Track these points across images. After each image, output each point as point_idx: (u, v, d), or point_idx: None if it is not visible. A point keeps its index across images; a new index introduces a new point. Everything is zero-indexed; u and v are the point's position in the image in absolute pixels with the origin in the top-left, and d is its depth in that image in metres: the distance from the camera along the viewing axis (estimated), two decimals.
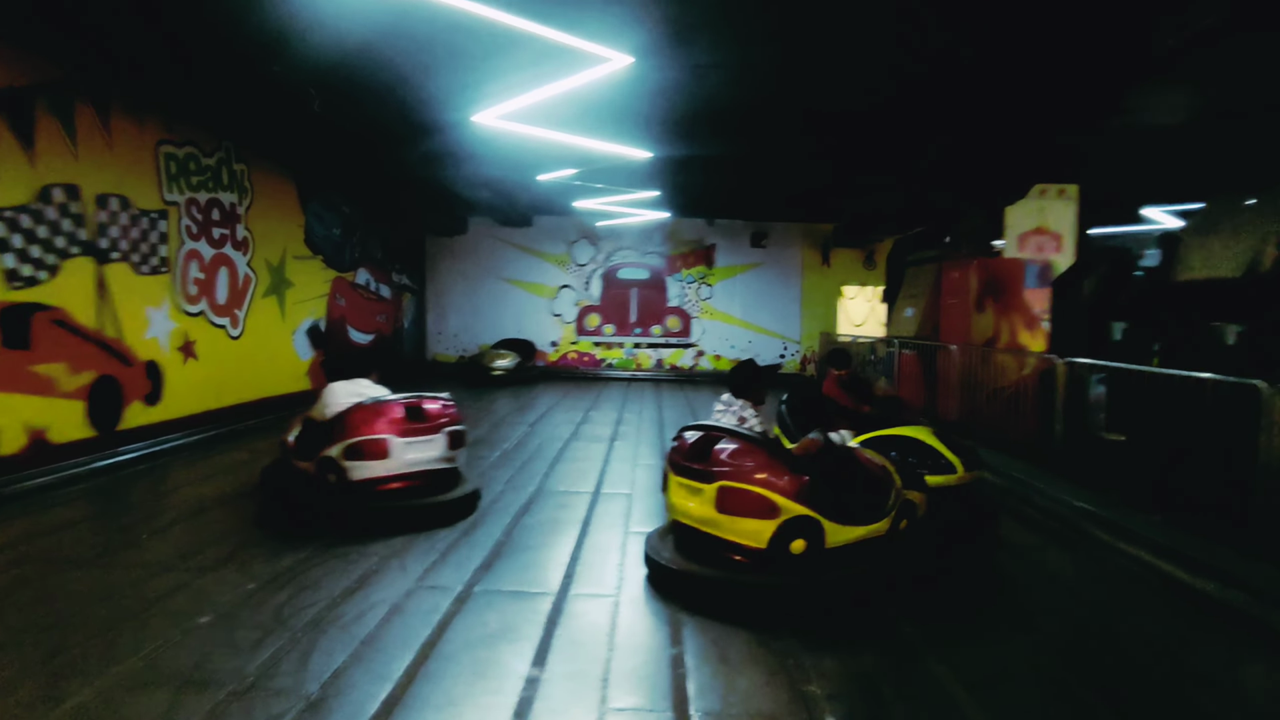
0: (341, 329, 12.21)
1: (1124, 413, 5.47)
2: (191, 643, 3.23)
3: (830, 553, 3.78)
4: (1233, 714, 2.97)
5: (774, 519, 3.69)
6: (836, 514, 3.78)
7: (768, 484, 3.73)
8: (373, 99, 7.39)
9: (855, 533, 3.85)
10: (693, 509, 3.93)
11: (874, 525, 3.93)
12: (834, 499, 3.78)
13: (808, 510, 3.69)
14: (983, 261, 9.17)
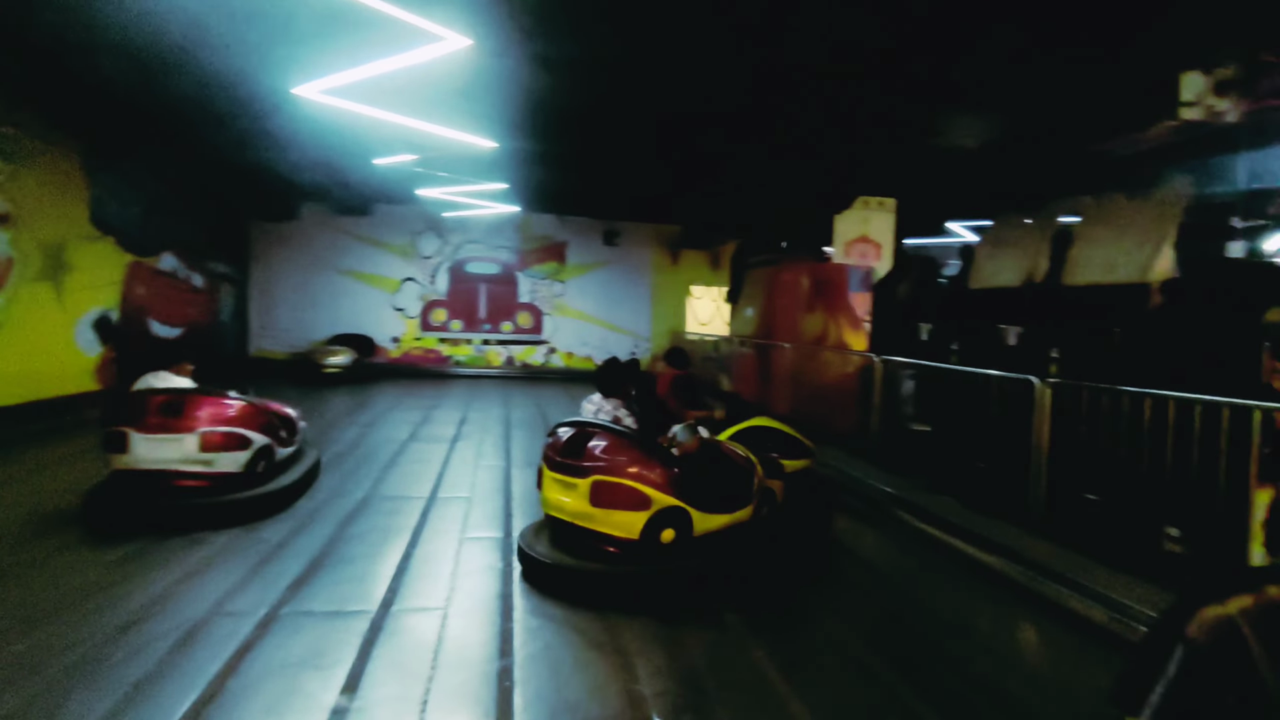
0: (141, 321, 10.74)
1: (929, 405, 6.03)
2: None
3: (697, 540, 4.02)
4: (1007, 676, 3.31)
5: (645, 510, 3.87)
6: (704, 504, 4.04)
7: (640, 477, 3.89)
8: (173, 63, 6.51)
9: (720, 520, 4.14)
10: (567, 504, 4.02)
11: (738, 513, 4.23)
12: (701, 490, 4.05)
13: (677, 501, 3.92)
14: (813, 266, 9.78)
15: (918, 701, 2.98)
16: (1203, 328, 4.17)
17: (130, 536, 4.54)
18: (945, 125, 7.64)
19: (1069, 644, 3.68)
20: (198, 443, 4.84)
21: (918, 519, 5.44)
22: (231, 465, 5.00)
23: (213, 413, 5.03)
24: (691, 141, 8.65)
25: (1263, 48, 5.16)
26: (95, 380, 9.61)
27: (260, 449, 5.26)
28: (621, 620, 3.62)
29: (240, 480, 5.05)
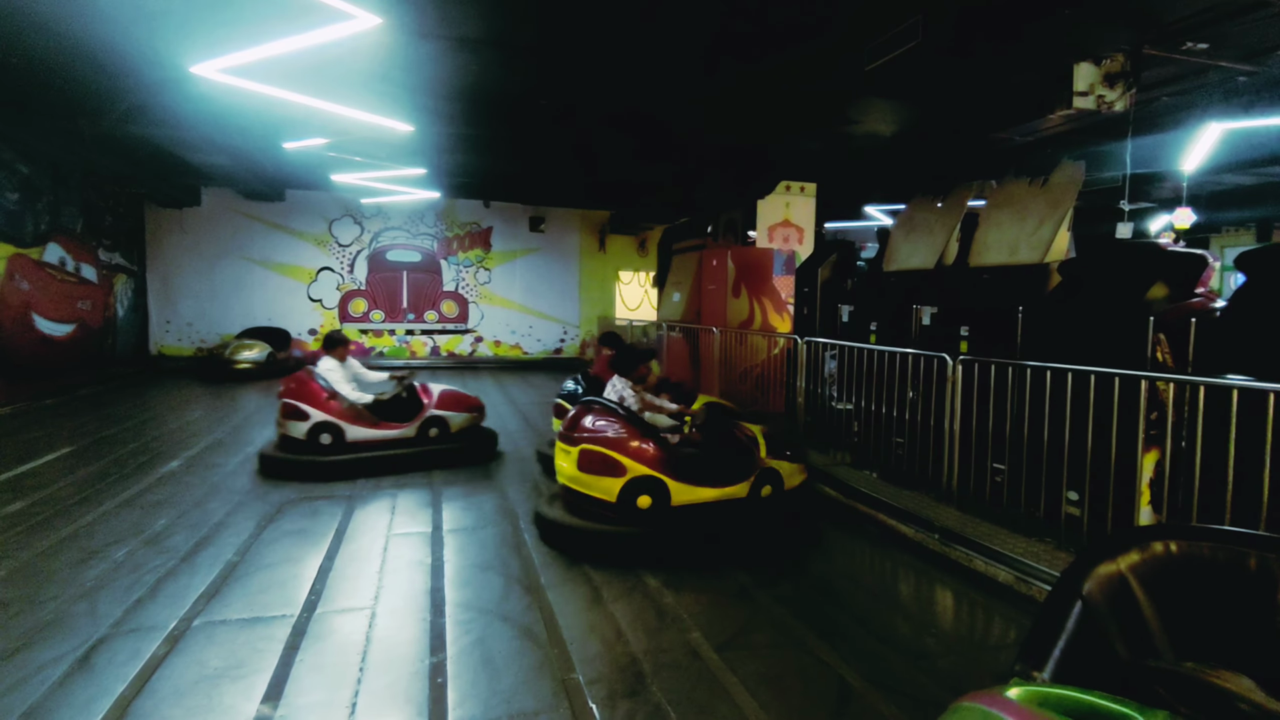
0: (24, 318, 9.88)
1: (851, 384, 6.24)
2: None
3: (679, 510, 4.42)
4: (925, 637, 3.49)
5: (620, 477, 4.32)
6: (687, 476, 4.41)
7: (618, 446, 4.35)
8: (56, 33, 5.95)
9: (706, 494, 4.49)
10: (564, 469, 4.55)
11: (728, 489, 4.55)
12: (686, 464, 4.43)
13: (652, 471, 4.34)
14: (738, 250, 9.93)
15: (845, 665, 3.10)
16: (1096, 306, 4.46)
17: (13, 554, 4.20)
18: (861, 114, 7.87)
19: (980, 604, 3.90)
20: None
21: (842, 494, 5.64)
22: (296, 433, 6.09)
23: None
24: (618, 130, 8.60)
25: (1146, 41, 5.52)
26: None
27: (318, 422, 6.10)
28: (556, 611, 3.61)
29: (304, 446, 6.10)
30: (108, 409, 9.31)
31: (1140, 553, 1.69)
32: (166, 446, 7.13)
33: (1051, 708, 1.23)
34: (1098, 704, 1.21)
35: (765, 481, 4.77)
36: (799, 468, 5.20)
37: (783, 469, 4.89)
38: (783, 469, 4.89)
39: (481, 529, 4.87)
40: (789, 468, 4.96)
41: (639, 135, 8.92)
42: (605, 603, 3.72)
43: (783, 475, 4.87)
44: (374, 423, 6.33)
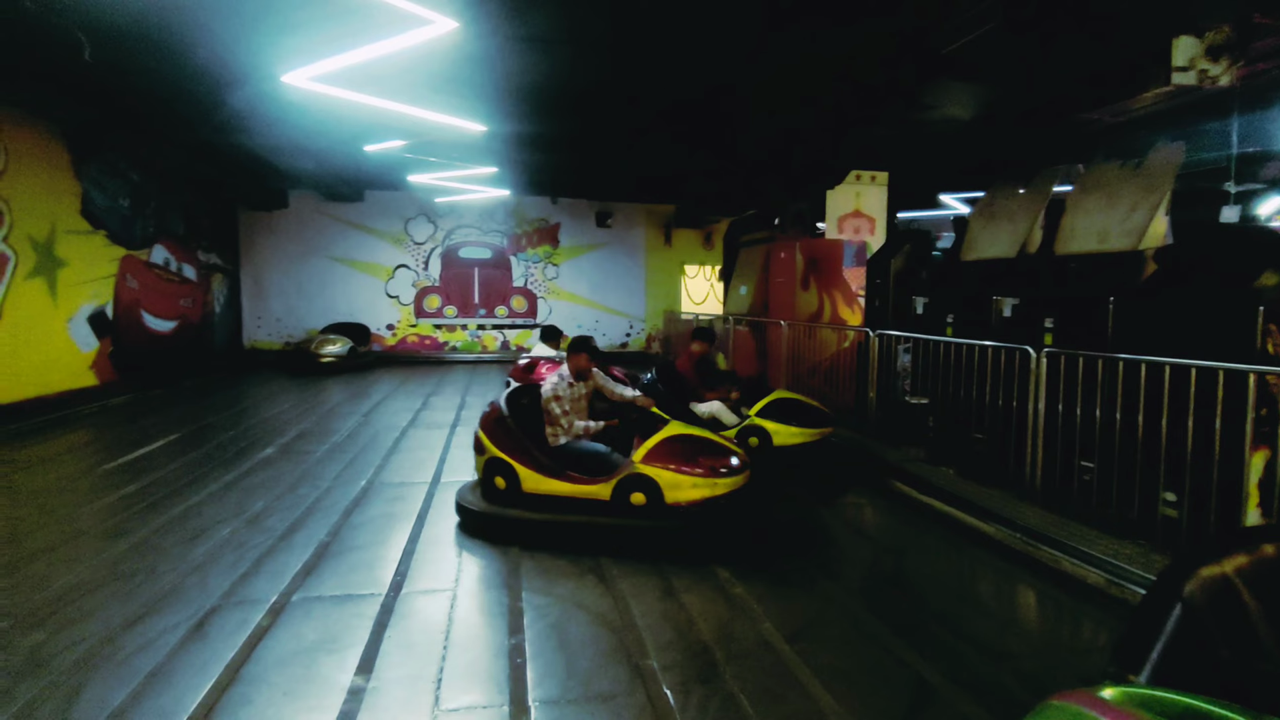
0: (135, 316, 10.69)
1: (925, 378, 6.07)
2: None
3: (537, 498, 4.51)
4: (1006, 637, 3.38)
5: (482, 455, 4.66)
6: (536, 465, 4.52)
7: (485, 427, 4.68)
8: (162, 50, 6.41)
9: (555, 485, 4.49)
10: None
11: (579, 487, 4.45)
12: (527, 448, 4.58)
13: (504, 455, 4.56)
14: (806, 242, 9.77)
15: (922, 661, 3.05)
16: (1199, 295, 4.20)
17: (134, 530, 4.58)
18: (937, 98, 7.61)
19: (1067, 606, 3.75)
20: None
21: (917, 490, 5.51)
22: None
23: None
24: (684, 121, 8.59)
25: (1256, 9, 5.14)
26: (92, 375, 9.60)
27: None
28: (628, 600, 3.67)
29: None
30: (208, 399, 9.98)
31: (1248, 555, 1.60)
32: (261, 434, 7.59)
33: (1149, 709, 1.19)
34: (1201, 707, 1.17)
35: (636, 489, 4.35)
36: (827, 429, 5.70)
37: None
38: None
39: None
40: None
41: (705, 126, 8.89)
42: (676, 593, 3.76)
43: (661, 486, 4.34)
44: None
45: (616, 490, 4.37)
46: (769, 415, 6.11)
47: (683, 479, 4.31)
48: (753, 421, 6.09)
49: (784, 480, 5.91)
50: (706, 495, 4.32)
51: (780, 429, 6.02)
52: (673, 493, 4.32)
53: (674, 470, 4.33)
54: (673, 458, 4.37)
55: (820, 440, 6.14)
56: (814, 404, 6.34)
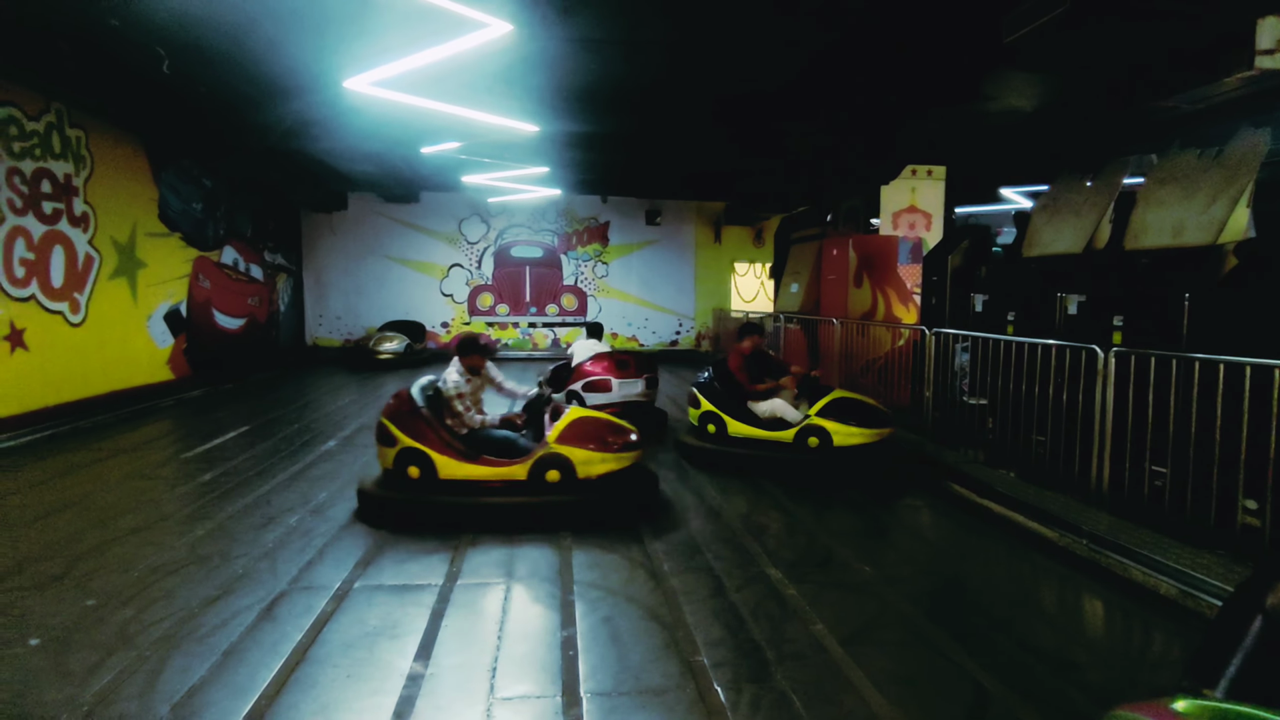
0: (206, 314, 11.23)
1: (984, 378, 5.90)
2: (9, 674, 2.86)
3: (452, 483, 4.72)
4: (1072, 647, 3.27)
5: (393, 447, 4.75)
6: (448, 451, 4.70)
7: (393, 418, 4.76)
8: (232, 61, 6.72)
9: (472, 470, 4.71)
10: None
11: (498, 469, 4.73)
12: (444, 437, 4.74)
13: (419, 444, 4.70)
14: (860, 239, 9.60)
15: (982, 671, 2.98)
16: None
17: (210, 515, 4.83)
18: (998, 89, 7.36)
19: (1136, 616, 3.60)
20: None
21: (975, 493, 5.37)
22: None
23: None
24: (736, 117, 8.54)
25: None
26: (168, 370, 10.12)
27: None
28: (679, 593, 3.70)
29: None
30: (274, 394, 10.41)
31: None
32: (324, 428, 7.89)
33: None
34: None
35: (551, 467, 4.75)
36: (888, 430, 5.79)
37: (575, 455, 4.78)
38: (575, 455, 4.78)
39: None
40: (583, 454, 4.80)
41: (756, 122, 8.82)
42: (727, 591, 3.76)
43: (574, 463, 4.76)
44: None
45: (533, 470, 4.75)
46: (829, 415, 6.00)
47: (593, 455, 4.78)
48: (813, 421, 6.01)
49: (842, 481, 5.85)
50: (613, 468, 4.85)
51: (841, 429, 5.92)
52: (585, 468, 4.78)
53: (584, 448, 4.78)
54: (583, 437, 4.82)
55: (881, 441, 6.00)
56: (874, 404, 6.20)
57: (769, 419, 6.19)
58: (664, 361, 15.52)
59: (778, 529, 4.80)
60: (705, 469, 6.24)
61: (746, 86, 7.48)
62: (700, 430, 6.50)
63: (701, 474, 6.11)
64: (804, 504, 5.32)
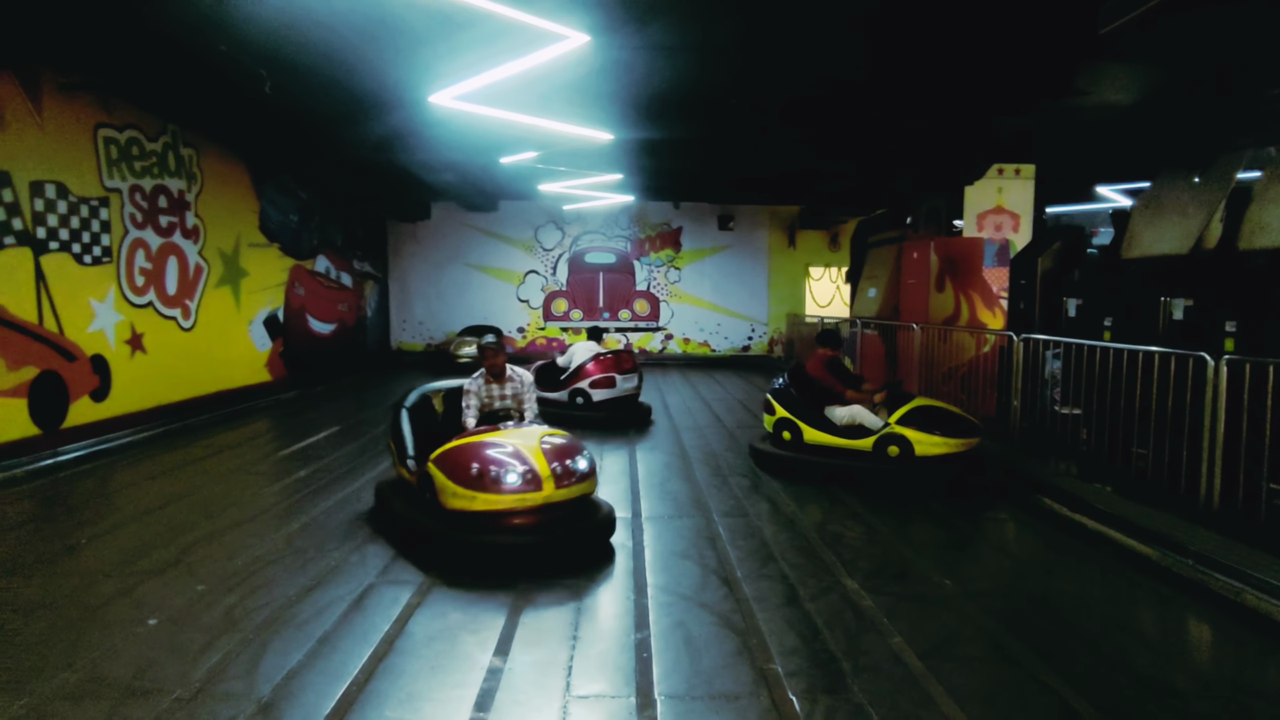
0: (301, 319, 11.92)
1: (1079, 387, 5.59)
2: (133, 650, 3.12)
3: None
4: (1174, 673, 3.06)
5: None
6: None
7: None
8: (326, 79, 7.14)
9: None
10: None
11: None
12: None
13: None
14: (942, 241, 9.28)
15: (1072, 692, 2.83)
16: None
17: (305, 510, 5.12)
18: (1092, 82, 6.98)
19: (1250, 644, 3.34)
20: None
21: (1067, 507, 5.10)
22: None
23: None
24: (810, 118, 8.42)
25: None
26: (267, 372, 10.79)
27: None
28: (752, 601, 3.67)
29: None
30: (362, 395, 10.95)
31: None
32: None
33: None
34: None
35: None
36: (975, 440, 5.69)
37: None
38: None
39: (677, 519, 5.07)
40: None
41: (832, 123, 8.66)
42: (801, 600, 3.71)
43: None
44: None
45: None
46: (911, 423, 5.78)
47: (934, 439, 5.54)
48: (893, 429, 5.83)
49: (923, 491, 5.67)
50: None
51: (923, 438, 5.71)
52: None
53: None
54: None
55: (967, 451, 5.75)
56: (959, 412, 5.98)
57: (848, 426, 6.06)
58: (736, 367, 15.45)
59: (854, 539, 4.69)
60: (779, 476, 6.17)
61: (822, 86, 7.36)
62: (775, 437, 6.43)
63: (775, 481, 6.05)
64: (882, 514, 5.19)
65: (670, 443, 7.61)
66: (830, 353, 6.42)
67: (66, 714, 2.64)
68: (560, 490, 4.11)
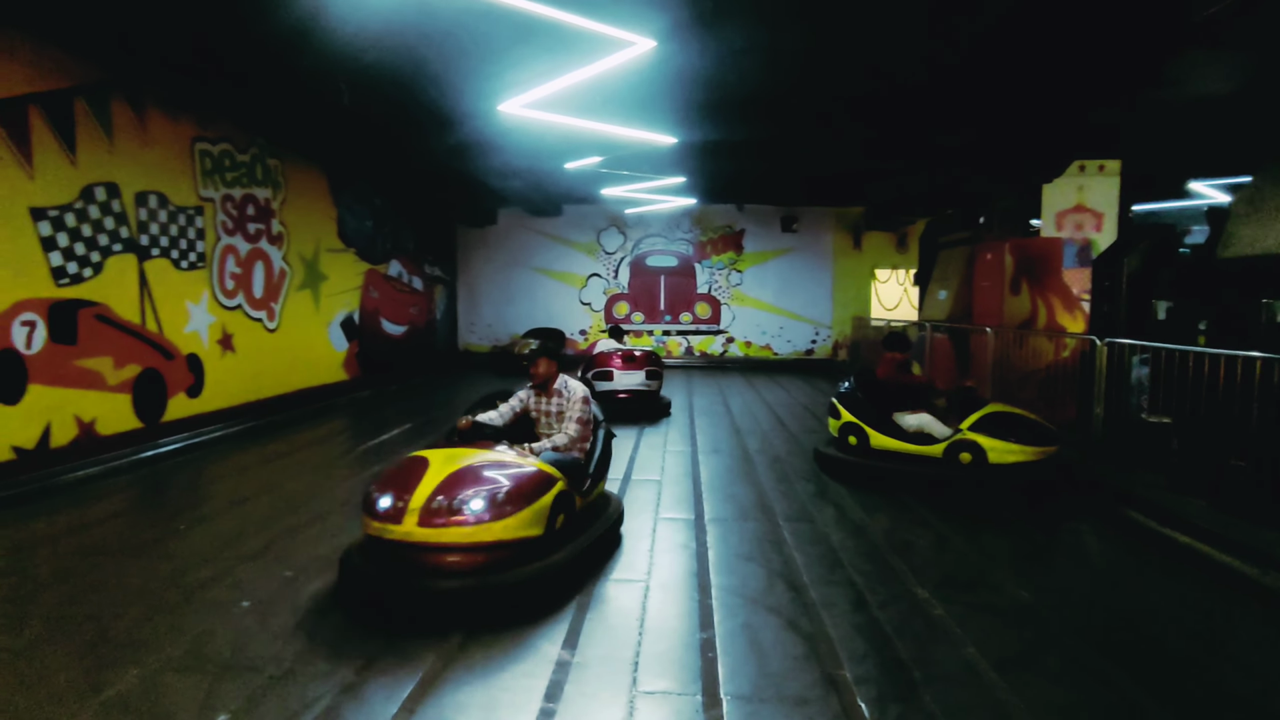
0: (375, 321, 12.41)
1: (1169, 394, 5.30)
2: (230, 630, 3.33)
3: None
4: (1271, 697, 2.87)
5: None
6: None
7: None
8: (401, 90, 7.43)
9: None
10: None
11: None
12: None
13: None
14: (1017, 242, 8.93)
15: (1163, 712, 2.69)
16: None
17: None
18: (1182, 72, 6.61)
19: None
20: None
21: (1156, 521, 4.84)
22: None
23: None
24: (877, 117, 8.26)
25: None
26: (343, 372, 11.27)
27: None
28: (819, 606, 3.63)
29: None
30: (432, 395, 11.32)
31: None
32: None
33: None
34: None
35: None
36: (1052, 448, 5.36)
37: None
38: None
39: (741, 522, 5.05)
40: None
41: (900, 120, 8.46)
42: (870, 607, 3.64)
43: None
44: None
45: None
46: (984, 430, 5.60)
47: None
48: (964, 436, 5.66)
49: (996, 501, 5.48)
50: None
51: (997, 445, 5.52)
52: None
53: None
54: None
55: (1044, 460, 5.53)
56: (1036, 419, 5.75)
57: (915, 433, 5.92)
58: (799, 371, 15.24)
59: (924, 546, 4.57)
60: (844, 481, 6.06)
61: (889, 84, 7.21)
62: (840, 441, 6.33)
63: (841, 486, 5.95)
64: (953, 523, 5.03)
65: (733, 446, 7.58)
66: (899, 356, 6.28)
67: (174, 684, 2.85)
68: (422, 529, 3.33)
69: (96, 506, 5.32)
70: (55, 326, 6.03)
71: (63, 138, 6.14)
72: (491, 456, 3.83)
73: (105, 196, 6.59)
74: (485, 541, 3.38)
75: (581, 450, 4.45)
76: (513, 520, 3.43)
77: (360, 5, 5.20)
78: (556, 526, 3.74)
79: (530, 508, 3.52)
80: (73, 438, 6.19)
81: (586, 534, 4.07)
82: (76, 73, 6.26)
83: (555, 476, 3.80)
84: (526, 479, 3.63)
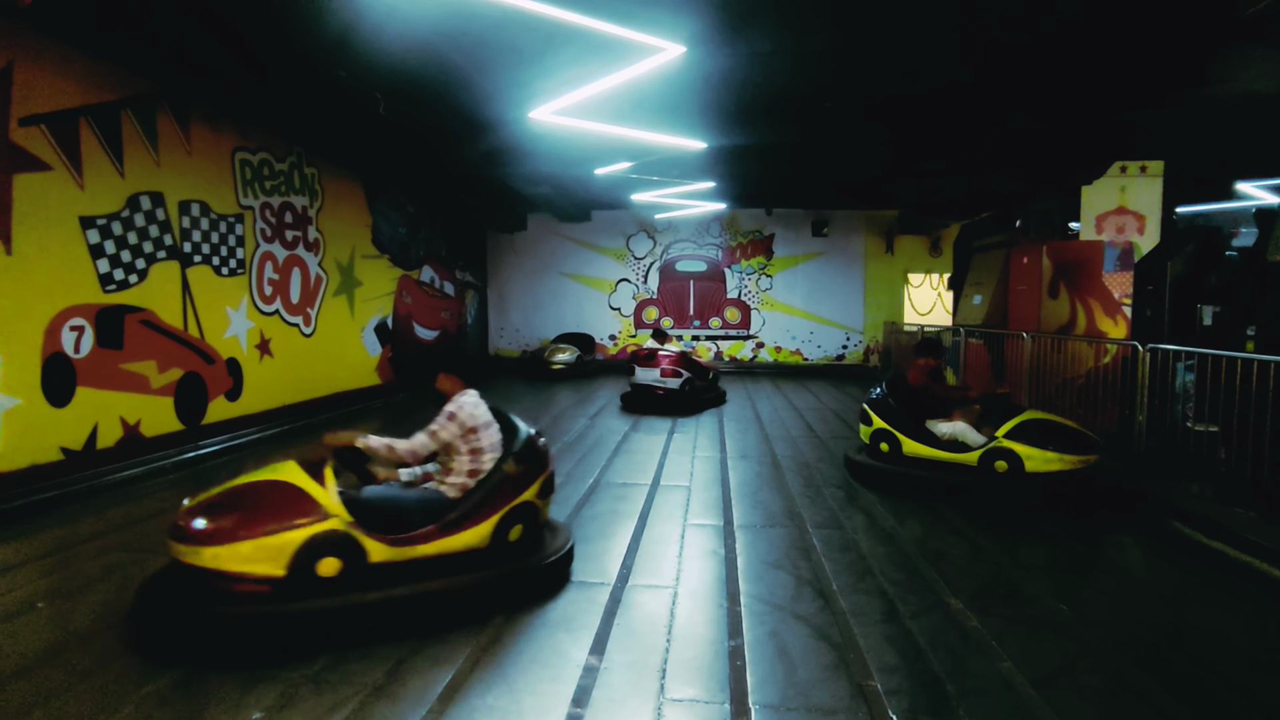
0: (408, 326, 12.60)
1: (1216, 402, 5.12)
2: None
3: None
4: None
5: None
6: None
7: None
8: (434, 99, 7.55)
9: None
10: None
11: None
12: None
13: None
14: (1056, 245, 8.72)
15: None
16: None
17: None
18: (1229, 70, 6.40)
19: None
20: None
21: (1203, 533, 4.67)
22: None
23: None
24: (914, 119, 8.15)
25: None
26: (377, 376, 11.46)
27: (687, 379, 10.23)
28: (849, 615, 3.58)
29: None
30: None
31: None
32: None
33: None
34: None
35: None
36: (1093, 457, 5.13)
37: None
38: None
39: (769, 528, 5.01)
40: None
41: (932, 122, 8.33)
42: (902, 617, 3.58)
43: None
44: None
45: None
46: (1020, 437, 5.48)
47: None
48: (1000, 444, 5.54)
49: (1033, 510, 5.35)
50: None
51: (1034, 453, 5.40)
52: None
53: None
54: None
55: (1083, 469, 5.40)
56: (1075, 426, 5.61)
57: (949, 440, 5.81)
58: (829, 376, 15.09)
59: (958, 556, 4.48)
60: (875, 488, 5.98)
61: (920, 86, 7.11)
62: (871, 448, 6.24)
63: (871, 493, 5.86)
64: (988, 533, 4.93)
65: (762, 451, 7.52)
66: (932, 362, 6.19)
67: (213, 682, 2.91)
68: (171, 544, 3.16)
69: (142, 505, 5.48)
70: (102, 331, 6.24)
71: (111, 148, 6.36)
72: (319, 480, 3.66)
73: (150, 205, 6.80)
74: (210, 567, 3.05)
75: (461, 484, 3.99)
76: (220, 543, 3.04)
77: (395, 16, 5.30)
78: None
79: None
80: (118, 439, 6.39)
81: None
82: (124, 86, 6.48)
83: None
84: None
